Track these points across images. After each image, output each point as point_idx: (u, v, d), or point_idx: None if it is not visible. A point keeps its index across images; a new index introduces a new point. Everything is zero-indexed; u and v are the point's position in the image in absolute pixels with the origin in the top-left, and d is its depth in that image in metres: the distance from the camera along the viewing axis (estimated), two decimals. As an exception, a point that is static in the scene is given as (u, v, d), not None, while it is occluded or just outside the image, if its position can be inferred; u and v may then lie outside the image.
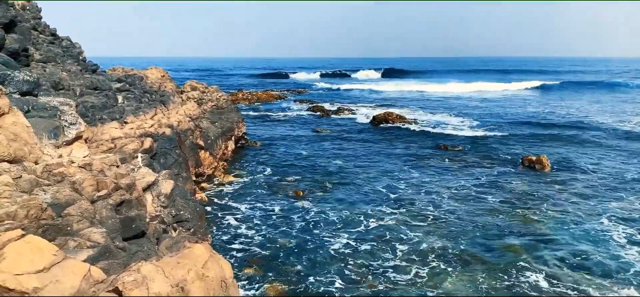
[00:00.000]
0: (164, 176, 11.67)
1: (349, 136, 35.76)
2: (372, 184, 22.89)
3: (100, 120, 15.43)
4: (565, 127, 39.42)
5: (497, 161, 27.34)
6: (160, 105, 21.77)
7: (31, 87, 10.44)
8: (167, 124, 18.71)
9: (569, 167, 25.96)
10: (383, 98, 66.50)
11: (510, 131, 37.61)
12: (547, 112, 50.45)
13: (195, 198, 15.44)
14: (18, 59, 13.46)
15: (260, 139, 33.98)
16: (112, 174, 8.62)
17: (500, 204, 19.85)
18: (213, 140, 24.92)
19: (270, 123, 42.73)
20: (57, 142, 9.42)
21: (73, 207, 7.00)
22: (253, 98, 62.14)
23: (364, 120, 44.36)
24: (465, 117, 45.35)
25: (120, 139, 14.25)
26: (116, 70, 24.94)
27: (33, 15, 18.04)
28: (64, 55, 18.27)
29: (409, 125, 40.35)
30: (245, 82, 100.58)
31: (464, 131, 37.88)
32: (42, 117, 9.56)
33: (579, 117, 45.86)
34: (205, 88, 31.41)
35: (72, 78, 16.65)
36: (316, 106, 53.26)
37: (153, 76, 25.07)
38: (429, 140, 33.71)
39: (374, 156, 29.13)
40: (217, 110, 29.41)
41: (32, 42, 16.55)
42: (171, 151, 17.14)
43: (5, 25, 13.05)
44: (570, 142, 33.00)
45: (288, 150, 30.59)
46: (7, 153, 7.43)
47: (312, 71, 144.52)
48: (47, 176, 7.57)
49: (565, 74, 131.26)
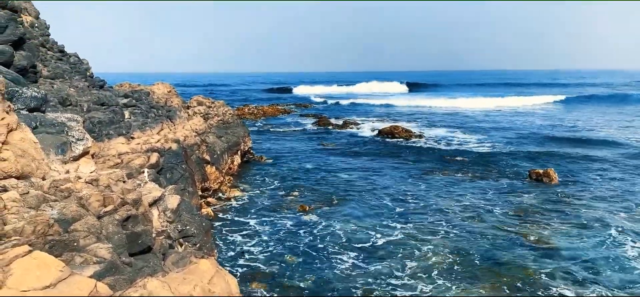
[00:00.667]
0: (170, 191, 11.68)
1: (355, 150, 35.73)
2: (379, 198, 22.81)
3: (107, 135, 15.50)
4: (574, 140, 39.21)
5: (504, 174, 27.21)
6: (167, 120, 21.87)
7: (39, 103, 10.52)
8: (173, 139, 18.77)
9: (577, 179, 25.79)
10: (387, 112, 66.47)
11: (518, 145, 37.48)
12: (557, 125, 50.23)
13: (201, 213, 15.43)
14: (26, 76, 13.59)
15: (266, 153, 34.01)
16: (119, 190, 8.64)
17: (508, 218, 19.70)
18: (219, 154, 24.97)
19: (276, 137, 42.80)
20: (64, 158, 9.46)
21: (79, 223, 7.01)
22: (259, 113, 62.34)
23: (369, 133, 44.35)
24: (474, 132, 45.19)
25: (127, 154, 14.30)
26: (123, 86, 25.13)
27: (41, 32, 18.25)
28: (72, 72, 18.44)
29: (416, 139, 40.30)
30: (251, 97, 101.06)
31: (471, 145, 37.79)
32: (49, 133, 9.62)
33: (588, 130, 45.66)
34: (211, 103, 31.57)
35: (80, 94, 16.78)
36: (322, 120, 53.33)
37: (159, 91, 25.22)
38: (436, 154, 33.62)
39: (379, 169, 29.06)
40: (223, 125, 29.51)
41: (40, 59, 16.72)
42: (177, 166, 17.18)
43: (14, 43, 13.19)
44: (578, 155, 32.81)
45: (294, 164, 30.58)
46: (15, 169, 7.47)
47: (317, 85, 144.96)
48: (54, 192, 7.59)
49: (584, 87, 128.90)
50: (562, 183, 25.09)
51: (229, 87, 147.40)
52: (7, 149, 7.59)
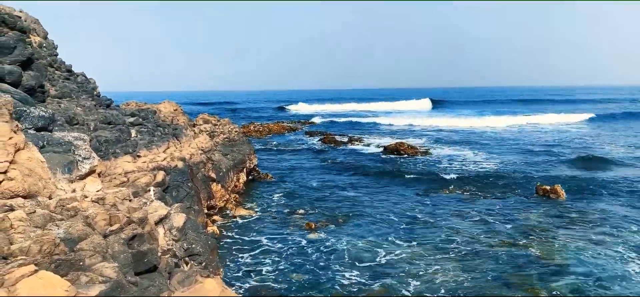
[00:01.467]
0: (176, 209, 11.67)
1: (360, 167, 35.65)
2: (384, 215, 22.70)
3: (113, 154, 15.56)
4: (582, 158, 38.97)
5: (511, 191, 27.04)
6: (173, 138, 21.95)
7: (46, 123, 10.59)
8: (179, 157, 18.82)
9: (585, 196, 25.58)
10: (392, 130, 66.46)
11: (527, 162, 37.28)
12: (567, 143, 49.97)
13: (207, 231, 15.39)
14: (34, 95, 13.71)
15: (271, 171, 34.01)
16: (125, 208, 8.64)
17: (515, 235, 19.53)
18: (225, 172, 24.99)
19: (282, 155, 42.83)
20: (71, 177, 9.49)
21: (85, 242, 7.00)
22: (265, 130, 62.48)
23: (375, 150, 44.30)
24: (482, 149, 44.94)
25: (133, 172, 14.33)
26: (130, 104, 25.30)
27: (49, 52, 18.45)
28: (79, 91, 18.59)
29: (422, 156, 40.19)
30: (263, 114, 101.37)
31: (478, 162, 37.64)
32: (56, 152, 9.66)
33: (597, 147, 45.45)
34: (217, 121, 31.69)
35: (87, 113, 16.90)
36: (327, 137, 53.36)
37: (166, 110, 25.36)
38: (442, 171, 33.49)
39: (385, 187, 28.96)
40: (229, 142, 29.59)
41: (48, 78, 16.88)
42: (183, 184, 17.20)
43: (22, 63, 13.34)
44: (586, 171, 32.63)
45: (299, 182, 30.55)
46: (22, 188, 7.50)
47: (322, 103, 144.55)
48: (60, 211, 7.60)
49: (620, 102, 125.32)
50: (570, 199, 24.89)
51: (235, 105, 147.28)
52: (14, 168, 7.62)
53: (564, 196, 25.25)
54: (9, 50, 12.98)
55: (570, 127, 67.24)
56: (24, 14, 18.84)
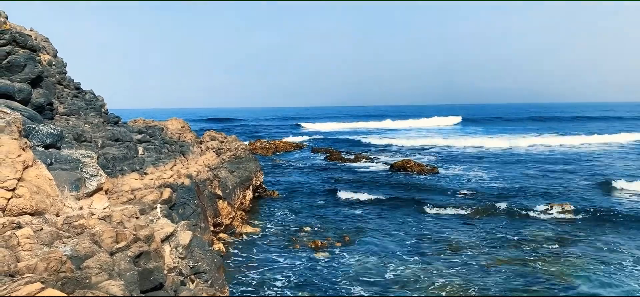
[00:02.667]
0: (183, 227, 11.66)
1: (367, 184, 35.55)
2: (391, 233, 22.57)
3: (120, 171, 15.61)
4: (594, 174, 38.65)
5: (520, 208, 26.82)
6: (180, 155, 22.02)
7: (54, 140, 10.65)
8: (186, 174, 18.85)
9: (595, 213, 25.32)
10: (398, 148, 66.33)
11: (534, 179, 37.05)
12: (576, 160, 49.64)
13: (213, 249, 15.34)
14: (43, 113, 13.82)
15: (278, 188, 33.98)
16: (132, 226, 8.64)
17: (523, 251, 19.34)
18: (231, 189, 24.99)
19: (288, 172, 42.82)
20: (78, 194, 9.51)
21: (92, 260, 6.99)
22: (271, 147, 62.55)
23: (381, 167, 44.20)
24: (491, 169, 44.60)
25: (140, 189, 14.36)
26: (137, 122, 25.43)
27: (59, 70, 18.63)
28: (87, 108, 18.73)
29: (429, 174, 40.04)
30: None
31: (486, 181, 37.45)
32: (64, 170, 9.70)
33: (609, 164, 45.13)
34: (224, 138, 31.80)
35: (94, 130, 17.00)
36: (334, 154, 53.32)
37: (173, 127, 25.47)
38: (450, 189, 33.31)
39: (391, 204, 28.82)
40: (235, 159, 29.64)
41: (56, 96, 17.03)
42: (190, 201, 17.20)
43: (32, 81, 13.47)
44: (597, 189, 32.39)
45: (305, 199, 30.48)
46: (30, 205, 7.52)
47: (329, 120, 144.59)
48: (67, 228, 7.61)
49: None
50: (580, 216, 24.66)
51: (241, 122, 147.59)
52: (22, 185, 7.66)
53: (572, 212, 25.04)
54: (19, 69, 13.12)
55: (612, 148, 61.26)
56: (34, 32, 19.08)
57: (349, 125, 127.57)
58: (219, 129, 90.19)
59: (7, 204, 7.30)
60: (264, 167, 37.68)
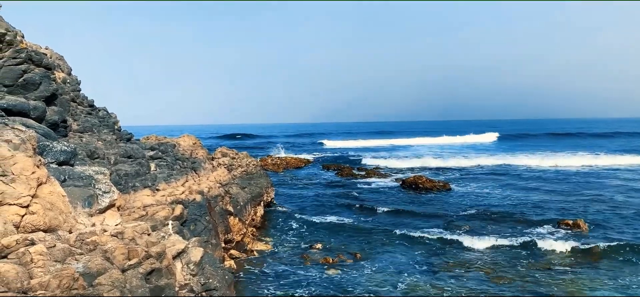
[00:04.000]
0: (194, 243, 11.67)
1: (378, 201, 35.38)
2: (401, 250, 22.39)
3: (132, 187, 15.70)
4: (608, 191, 38.15)
5: (532, 225, 26.50)
6: (192, 172, 22.11)
7: (68, 157, 10.76)
8: (197, 190, 18.91)
9: (608, 230, 24.95)
10: (409, 167, 66.01)
11: (548, 196, 36.66)
12: (592, 178, 49.02)
13: (224, 266, 15.33)
14: (57, 130, 13.98)
15: (289, 204, 33.95)
16: (143, 242, 8.66)
17: (535, 271, 19.08)
18: (242, 206, 25.00)
19: (299, 188, 42.78)
20: (91, 211, 9.58)
21: (104, 277, 7.01)
22: (282, 163, 62.61)
23: (392, 184, 44.01)
24: (503, 185, 44.21)
25: (152, 206, 14.42)
26: (150, 138, 25.63)
27: (73, 87, 18.88)
28: (100, 125, 18.92)
29: (441, 190, 39.78)
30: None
31: (499, 196, 37.12)
32: (77, 186, 9.78)
33: (623, 182, 44.54)
34: (235, 154, 31.91)
35: (107, 147, 17.15)
36: (345, 170, 53.23)
37: (185, 144, 25.62)
38: (463, 205, 33.06)
39: (402, 221, 28.64)
40: (246, 176, 29.69)
41: (70, 113, 17.23)
42: (201, 218, 17.23)
43: (46, 98, 13.66)
44: (611, 205, 31.93)
45: (316, 215, 30.39)
46: (43, 222, 7.58)
47: (342, 138, 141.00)
48: (80, 245, 7.65)
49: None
50: (593, 233, 24.30)
51: (254, 139, 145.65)
52: (36, 202, 7.73)
53: (587, 229, 24.70)
54: (34, 87, 13.32)
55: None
56: (49, 51, 19.39)
57: (374, 142, 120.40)
58: (238, 145, 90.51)
59: (20, 221, 7.36)
60: (274, 183, 37.72)
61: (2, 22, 13.31)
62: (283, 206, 32.89)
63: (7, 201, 7.43)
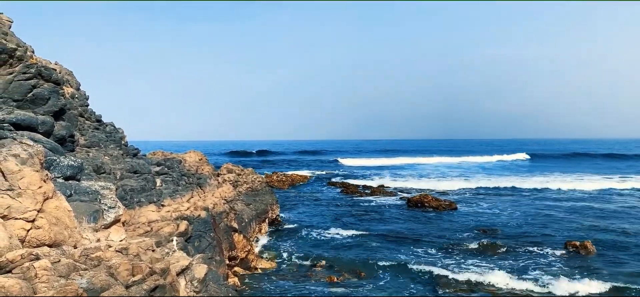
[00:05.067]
0: (198, 260, 11.65)
1: (383, 219, 35.24)
2: (406, 269, 22.23)
3: (138, 203, 15.74)
4: (616, 212, 37.80)
5: (539, 246, 26.26)
6: (197, 188, 22.15)
7: (75, 172, 10.82)
8: (202, 206, 18.92)
9: (616, 251, 24.67)
10: (417, 186, 65.80)
11: (555, 216, 36.38)
12: (602, 199, 48.64)
13: (228, 283, 15.26)
14: (64, 145, 14.08)
15: (293, 221, 33.86)
16: (148, 259, 8.66)
17: (543, 291, 18.87)
18: (247, 222, 24.97)
19: (304, 205, 42.70)
20: (96, 226, 9.60)
21: (108, 293, 7.00)
22: (288, 180, 62.60)
23: (398, 202, 43.86)
24: (512, 205, 43.93)
25: (157, 222, 14.43)
26: (156, 154, 25.75)
27: (81, 102, 19.04)
28: (107, 140, 19.03)
29: (447, 209, 39.58)
30: (283, 164, 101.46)
31: (506, 216, 36.88)
32: (83, 201, 9.83)
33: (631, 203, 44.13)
34: (241, 171, 31.96)
35: (114, 162, 17.24)
36: (350, 187, 53.15)
37: (191, 159, 25.72)
38: (469, 224, 32.85)
39: (408, 239, 28.47)
40: (252, 192, 29.70)
41: (78, 128, 17.36)
42: (206, 234, 17.22)
43: (55, 113, 13.78)
44: (618, 226, 31.63)
45: (321, 233, 30.28)
46: (48, 237, 7.60)
47: (354, 156, 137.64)
48: (84, 260, 7.66)
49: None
50: (600, 255, 24.04)
51: (266, 155, 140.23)
52: (42, 217, 7.76)
53: (595, 251, 24.46)
54: (43, 102, 13.45)
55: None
56: (58, 66, 19.60)
57: (392, 160, 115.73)
58: (250, 162, 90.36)
59: (26, 235, 7.40)
60: (279, 199, 37.68)
61: (12, 38, 13.49)
62: (288, 223, 32.82)
63: (13, 215, 7.47)
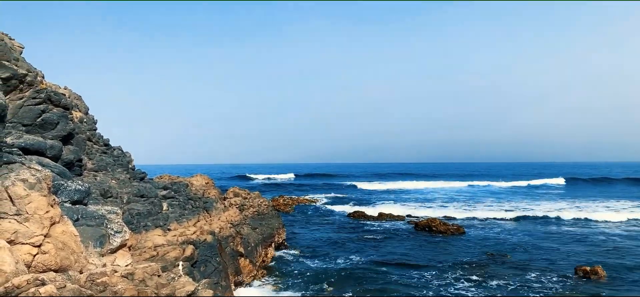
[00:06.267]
0: (204, 285, 11.56)
1: (390, 243, 34.96)
2: (413, 294, 21.96)
3: (144, 227, 15.73)
4: (625, 236, 37.35)
5: (549, 271, 25.92)
6: (203, 211, 22.13)
7: (82, 196, 10.85)
8: (208, 230, 18.88)
9: (626, 276, 24.29)
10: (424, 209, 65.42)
11: (564, 240, 35.99)
12: (623, 228, 48.13)
13: (233, 308, 15.15)
14: (72, 169, 14.16)
15: (300, 245, 33.66)
16: (153, 284, 8.61)
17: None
18: (253, 247, 24.86)
19: (310, 229, 42.48)
20: (102, 251, 9.59)
21: (112, 319, 6.96)
22: (294, 203, 62.45)
23: (406, 227, 43.55)
24: (519, 227, 43.59)
25: (163, 246, 14.40)
26: (163, 177, 25.81)
27: (89, 127, 19.19)
28: (115, 164, 19.11)
29: (455, 233, 39.25)
30: (292, 188, 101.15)
31: (515, 239, 36.50)
32: (89, 226, 9.83)
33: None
34: (247, 194, 31.92)
35: (121, 186, 17.28)
36: (358, 211, 52.90)
37: (198, 183, 25.74)
38: (477, 249, 32.53)
39: (415, 265, 28.19)
40: (258, 216, 29.62)
41: (86, 152, 17.46)
42: (212, 259, 17.14)
43: (63, 138, 13.88)
44: (628, 251, 31.21)
45: (328, 257, 30.06)
46: (54, 262, 7.60)
47: (364, 179, 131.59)
48: (90, 285, 7.63)
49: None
50: (611, 280, 23.67)
51: (279, 181, 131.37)
52: (48, 241, 7.77)
53: (605, 276, 24.09)
54: (52, 126, 13.57)
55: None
56: (67, 91, 19.82)
57: (403, 184, 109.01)
58: (255, 185, 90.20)
59: (32, 260, 7.39)
60: (287, 223, 37.52)
61: (23, 63, 13.68)
62: (295, 248, 32.61)
63: (20, 240, 7.48)
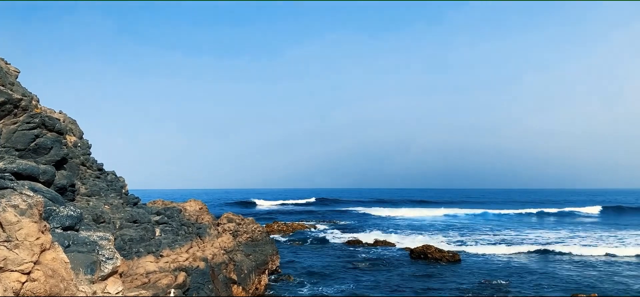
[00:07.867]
0: (195, 313, 11.43)
1: (385, 270, 34.74)
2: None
3: (136, 253, 15.59)
4: (624, 264, 37.27)
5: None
6: (197, 237, 21.97)
7: (74, 222, 10.77)
8: (201, 257, 18.71)
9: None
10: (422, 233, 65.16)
11: (562, 265, 35.86)
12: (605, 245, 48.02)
13: (225, 336, 14.94)
14: (65, 194, 14.07)
15: (294, 272, 33.38)
16: (143, 312, 8.50)
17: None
18: (246, 274, 24.63)
19: (305, 255, 42.18)
20: (93, 278, 9.48)
21: (101, 348, 6.85)
22: (289, 229, 62.11)
23: (401, 253, 43.32)
24: (518, 252, 43.47)
25: (155, 273, 14.26)
26: (156, 202, 25.67)
27: (83, 151, 19.13)
28: (108, 189, 19.01)
29: (451, 260, 39.05)
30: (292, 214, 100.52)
31: (513, 265, 36.34)
32: (80, 252, 9.73)
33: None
34: (241, 220, 31.74)
35: (113, 211, 17.17)
36: (353, 238, 52.67)
37: (191, 208, 25.61)
38: (474, 276, 32.34)
39: (410, 291, 27.98)
40: (252, 242, 29.41)
41: (79, 177, 17.38)
42: (204, 286, 16.96)
43: (56, 162, 13.83)
44: (629, 278, 31.12)
45: (322, 285, 29.81)
46: (43, 290, 7.50)
47: (363, 205, 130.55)
48: (79, 314, 7.52)
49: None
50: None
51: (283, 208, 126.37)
52: (38, 269, 7.68)
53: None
54: (45, 151, 13.53)
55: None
56: (62, 115, 19.81)
57: (400, 211, 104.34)
58: (249, 212, 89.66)
59: (21, 288, 7.29)
60: (280, 249, 37.24)
61: (18, 88, 13.70)
62: (288, 274, 32.33)
63: (9, 267, 7.39)
